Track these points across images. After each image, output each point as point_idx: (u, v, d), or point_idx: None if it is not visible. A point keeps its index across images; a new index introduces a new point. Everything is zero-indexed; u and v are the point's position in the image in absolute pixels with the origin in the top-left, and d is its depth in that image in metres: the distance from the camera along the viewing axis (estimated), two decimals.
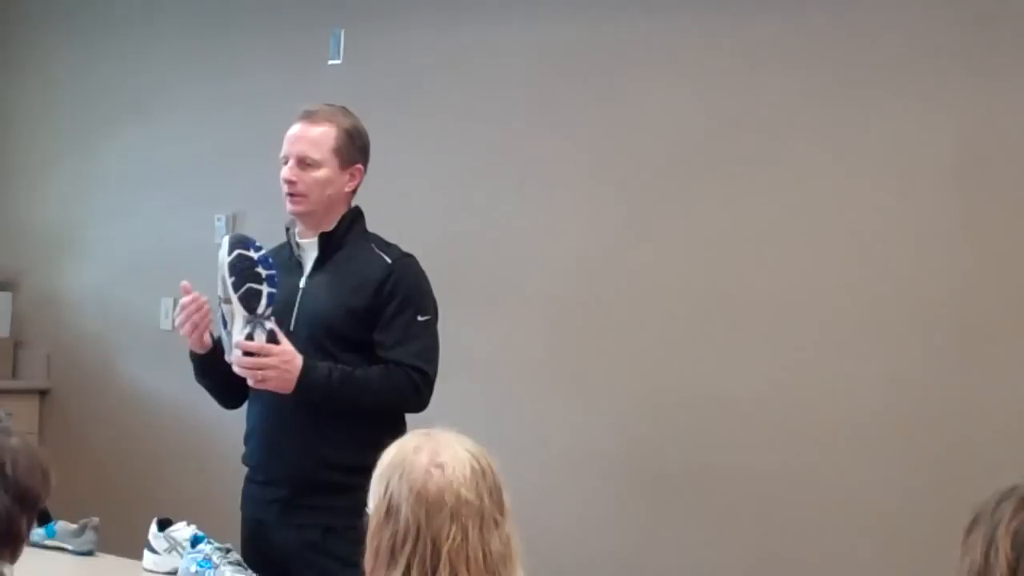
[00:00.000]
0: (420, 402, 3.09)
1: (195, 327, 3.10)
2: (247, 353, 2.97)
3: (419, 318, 3.10)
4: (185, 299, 3.10)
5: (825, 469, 4.09)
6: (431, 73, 4.87)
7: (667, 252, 4.40)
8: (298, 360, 2.99)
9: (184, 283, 3.13)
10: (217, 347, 3.11)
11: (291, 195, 3.13)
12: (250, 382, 3.02)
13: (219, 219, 5.30)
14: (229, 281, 2.95)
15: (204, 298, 3.09)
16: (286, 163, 3.15)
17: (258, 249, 2.99)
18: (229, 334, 2.99)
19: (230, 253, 2.96)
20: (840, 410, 4.08)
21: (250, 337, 2.96)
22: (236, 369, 3.01)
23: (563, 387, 4.56)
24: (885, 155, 4.07)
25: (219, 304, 3.01)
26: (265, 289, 2.96)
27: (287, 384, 2.98)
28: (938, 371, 3.95)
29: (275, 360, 2.97)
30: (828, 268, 4.14)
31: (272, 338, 2.97)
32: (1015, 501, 1.64)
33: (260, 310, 2.96)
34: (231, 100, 5.33)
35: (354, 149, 3.18)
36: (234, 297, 2.95)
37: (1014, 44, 3.91)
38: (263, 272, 2.97)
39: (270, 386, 2.99)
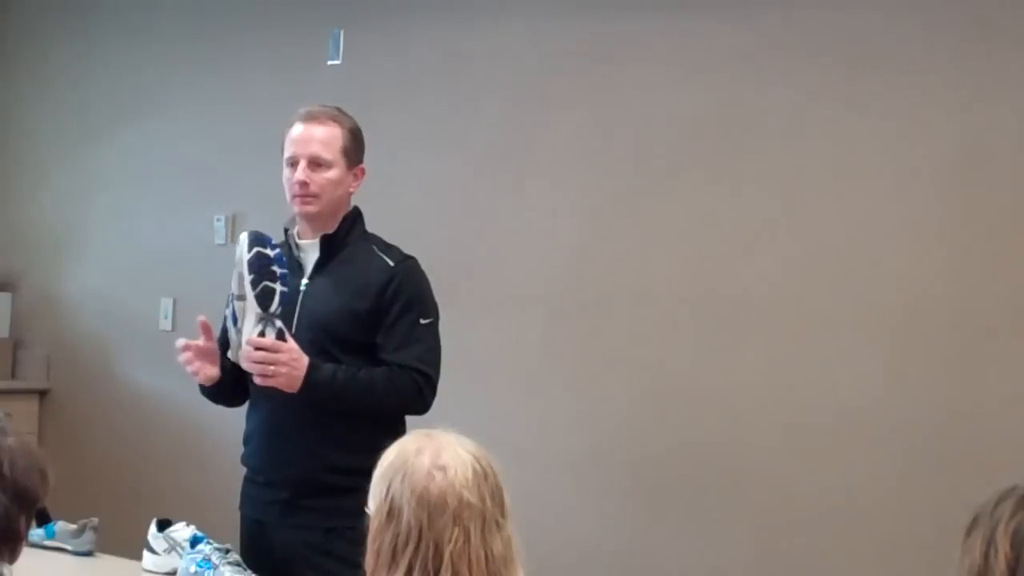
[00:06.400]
0: (423, 405, 3.09)
1: (203, 365, 3.12)
2: (257, 349, 2.97)
3: (421, 321, 3.10)
4: (199, 342, 3.11)
5: (824, 468, 4.10)
6: (431, 73, 4.87)
7: (667, 251, 4.40)
8: (305, 360, 2.99)
9: (202, 319, 3.11)
10: (224, 352, 3.11)
11: (303, 196, 3.11)
12: (256, 379, 3.02)
13: (219, 219, 5.30)
14: (248, 278, 2.94)
15: (207, 342, 3.10)
16: (292, 164, 3.13)
17: (275, 247, 3.00)
18: (239, 331, 2.99)
19: (249, 250, 2.96)
20: (840, 409, 4.08)
21: (261, 334, 2.97)
22: (244, 364, 3.02)
23: (563, 387, 4.56)
24: (885, 155, 4.07)
25: (230, 300, 3.01)
26: (279, 288, 2.96)
27: (294, 382, 2.99)
28: (938, 371, 3.95)
29: (285, 357, 2.97)
30: (828, 267, 4.14)
31: (281, 336, 2.99)
32: (1014, 501, 1.64)
33: (272, 308, 2.96)
34: (231, 100, 5.33)
35: (358, 149, 3.18)
36: (250, 294, 2.95)
37: (1014, 44, 3.91)
38: (278, 271, 2.97)
39: (277, 383, 2.99)
